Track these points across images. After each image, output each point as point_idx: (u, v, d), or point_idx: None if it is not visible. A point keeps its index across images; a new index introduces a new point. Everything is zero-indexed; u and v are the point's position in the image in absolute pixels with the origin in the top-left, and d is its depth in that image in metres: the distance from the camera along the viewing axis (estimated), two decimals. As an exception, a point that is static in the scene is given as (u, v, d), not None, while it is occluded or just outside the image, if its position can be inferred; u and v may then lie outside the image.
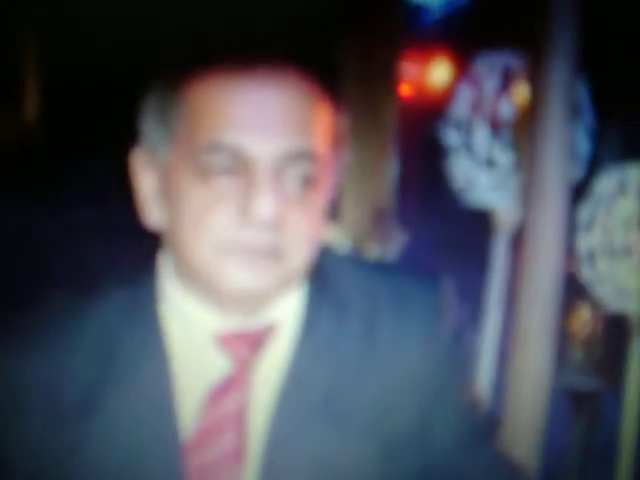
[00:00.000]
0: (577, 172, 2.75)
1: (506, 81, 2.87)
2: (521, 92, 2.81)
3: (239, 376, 1.14)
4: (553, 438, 2.51)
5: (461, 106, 2.94)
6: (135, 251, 1.22)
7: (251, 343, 1.15)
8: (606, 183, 2.64)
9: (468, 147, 2.92)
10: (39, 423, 1.12)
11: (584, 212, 2.64)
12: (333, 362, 1.15)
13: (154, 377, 1.13)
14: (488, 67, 2.92)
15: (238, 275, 1.07)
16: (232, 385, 1.13)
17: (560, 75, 2.39)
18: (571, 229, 2.54)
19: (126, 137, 1.20)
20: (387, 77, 3.05)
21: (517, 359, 2.41)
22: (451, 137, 2.95)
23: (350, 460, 1.13)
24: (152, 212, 1.14)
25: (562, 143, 2.42)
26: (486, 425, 1.26)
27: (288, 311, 1.18)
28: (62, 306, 1.18)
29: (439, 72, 4.23)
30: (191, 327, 1.16)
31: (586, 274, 2.64)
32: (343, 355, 1.16)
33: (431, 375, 1.19)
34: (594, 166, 2.82)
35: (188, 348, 1.15)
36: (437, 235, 3.59)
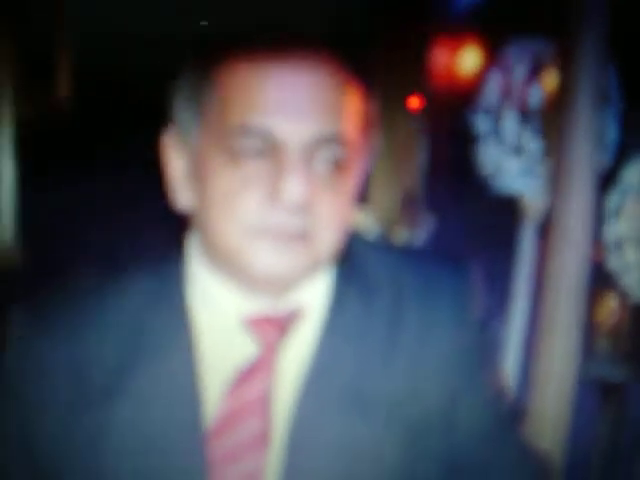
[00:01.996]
0: (605, 159, 2.74)
1: (536, 68, 2.88)
2: (550, 79, 2.82)
3: (265, 360, 1.13)
4: (580, 430, 2.49)
5: (491, 93, 2.95)
6: (163, 233, 1.22)
7: (278, 327, 1.14)
8: (635, 171, 2.63)
9: (497, 134, 2.92)
10: (67, 404, 1.12)
11: (612, 200, 2.64)
12: (360, 347, 1.15)
13: (180, 360, 1.13)
14: (518, 54, 2.91)
15: (267, 258, 1.07)
16: (258, 369, 1.13)
17: (589, 62, 2.37)
18: (599, 217, 2.53)
19: (157, 118, 1.19)
20: (418, 63, 3.04)
21: (543, 348, 2.39)
22: (480, 123, 2.96)
23: (375, 445, 1.13)
24: (181, 194, 1.14)
25: (591, 130, 2.40)
26: (511, 415, 1.26)
27: (316, 295, 1.17)
28: (91, 290, 1.18)
29: (469, 58, 4.21)
30: (218, 310, 1.15)
31: (613, 263, 2.63)
32: (370, 340, 1.15)
33: (457, 362, 1.18)
34: (623, 154, 2.81)
35: (215, 331, 1.15)
36: (465, 222, 3.57)
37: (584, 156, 2.39)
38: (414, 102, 3.02)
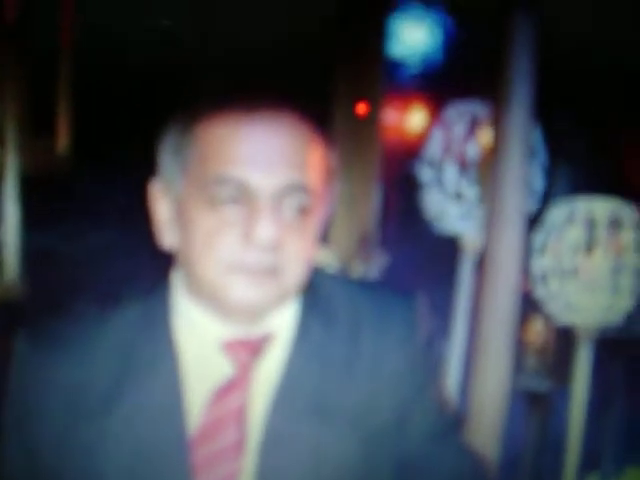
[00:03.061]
0: (533, 204, 2.77)
1: (473, 126, 2.90)
2: (485, 135, 2.84)
3: (240, 378, 1.13)
4: (511, 433, 2.50)
5: (434, 147, 2.96)
6: (151, 269, 1.21)
7: (252, 349, 1.14)
8: (557, 213, 2.65)
9: (439, 182, 2.93)
10: (65, 420, 1.11)
11: (538, 238, 2.65)
12: (323, 366, 1.14)
13: (165, 380, 1.12)
14: (458, 114, 2.95)
15: (242, 291, 1.07)
16: (234, 386, 1.12)
17: (518, 121, 2.40)
18: (527, 253, 2.54)
19: (146, 168, 1.19)
20: (372, 121, 3.06)
21: (480, 364, 2.40)
22: (425, 174, 2.97)
23: (336, 452, 1.12)
24: (167, 235, 1.13)
25: (520, 179, 2.42)
26: (454, 421, 1.25)
27: (284, 322, 1.17)
28: (87, 317, 1.17)
29: (416, 118, 4.26)
30: (199, 335, 1.14)
31: (539, 292, 2.65)
32: (331, 360, 1.15)
33: (408, 377, 1.18)
34: (547, 199, 2.85)
35: (196, 354, 1.14)
36: (413, 257, 3.58)
37: (514, 201, 2.41)
38: (369, 154, 3.03)
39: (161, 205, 1.13)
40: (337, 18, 2.95)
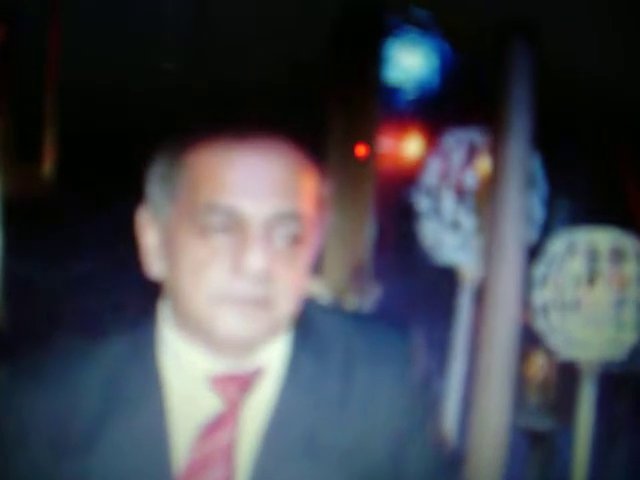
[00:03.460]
0: (532, 235, 2.78)
1: (471, 154, 2.92)
2: (483, 164, 2.86)
3: (229, 414, 1.11)
4: (512, 474, 2.48)
5: (431, 176, 2.98)
6: (138, 300, 1.21)
7: (241, 384, 1.13)
8: (557, 244, 2.66)
9: (436, 212, 2.94)
10: (45, 456, 1.10)
11: (538, 270, 2.66)
12: (314, 403, 1.13)
13: (151, 415, 1.11)
14: (455, 142, 2.96)
15: (231, 323, 1.06)
16: (222, 423, 1.11)
17: (517, 151, 2.43)
18: (527, 285, 2.55)
19: (132, 197, 1.19)
20: (366, 149, 3.07)
21: (480, 401, 2.40)
22: (422, 203, 2.98)
23: None
24: (154, 264, 1.13)
25: (519, 210, 2.45)
26: (452, 461, 1.25)
27: (275, 355, 1.16)
28: (71, 349, 1.16)
29: (412, 146, 4.28)
30: (186, 369, 1.13)
31: (540, 325, 2.65)
32: (323, 397, 1.14)
33: (402, 416, 1.16)
34: (547, 230, 2.86)
35: (183, 389, 1.13)
36: (408, 289, 3.57)
37: (514, 232, 2.44)
38: (363, 183, 3.04)
39: (149, 233, 1.13)
40: (331, 48, 2.97)
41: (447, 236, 2.92)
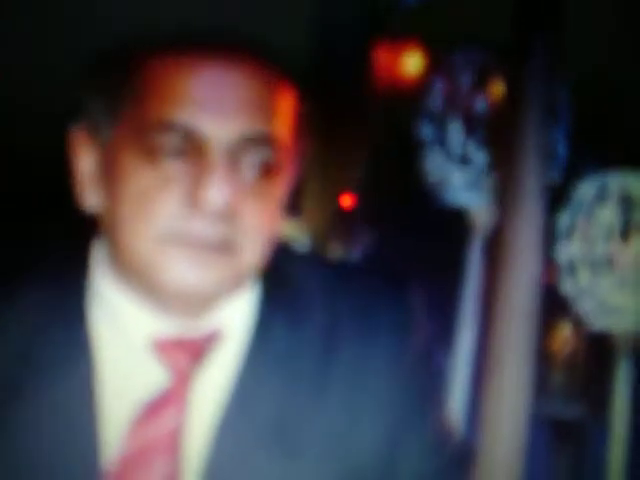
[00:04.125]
0: (555, 176, 2.79)
1: (482, 77, 2.91)
2: (497, 88, 2.86)
3: (176, 391, 1.09)
4: (534, 474, 2.48)
5: (435, 99, 2.97)
6: (65, 238, 1.18)
7: (192, 352, 1.10)
8: (585, 189, 2.68)
9: (442, 143, 2.95)
10: None
11: (563, 219, 2.68)
12: (286, 377, 1.11)
13: (76, 389, 1.08)
14: (464, 61, 2.96)
15: (182, 270, 1.04)
16: (167, 402, 1.08)
17: (538, 74, 2.43)
18: (549, 237, 2.57)
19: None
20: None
21: (492, 382, 2.40)
22: (425, 131, 2.97)
23: None
24: (89, 194, 1.11)
25: (539, 144, 2.44)
26: (459, 458, 1.23)
27: (237, 316, 1.13)
28: None
29: (413, 62, 4.27)
30: (123, 330, 1.11)
31: (567, 287, 2.66)
32: (298, 370, 1.12)
33: (396, 400, 1.15)
34: (573, 172, 2.88)
35: (118, 356, 1.11)
36: (406, 237, 3.59)
37: (533, 170, 2.43)
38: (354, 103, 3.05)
39: (84, 156, 1.11)
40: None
41: (454, 173, 2.92)
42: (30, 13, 3.53)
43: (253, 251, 1.07)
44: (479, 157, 2.89)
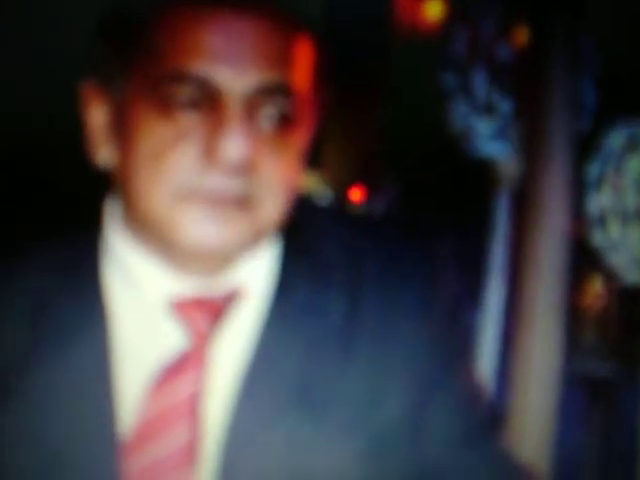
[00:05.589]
0: (584, 124, 2.78)
1: (505, 22, 2.90)
2: (522, 34, 2.85)
3: (195, 354, 1.08)
4: (566, 435, 2.49)
5: (458, 46, 2.96)
6: (77, 195, 1.16)
7: (211, 312, 1.09)
8: (615, 137, 2.65)
9: (466, 91, 2.94)
10: None
11: (592, 169, 2.66)
12: (310, 340, 1.10)
13: (91, 353, 1.07)
14: (486, 7, 2.94)
15: (200, 226, 1.03)
16: (186, 365, 1.07)
17: (564, 18, 2.45)
18: (578, 187, 2.56)
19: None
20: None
21: (522, 340, 2.41)
22: (448, 79, 2.97)
23: (329, 460, 1.08)
24: (101, 149, 1.09)
25: (567, 91, 2.47)
26: (489, 420, 1.22)
27: (257, 274, 1.12)
28: None
29: (434, 9, 4.25)
30: (140, 291, 1.10)
31: (597, 239, 2.65)
32: (322, 331, 1.10)
33: (425, 358, 1.14)
34: (602, 120, 2.85)
35: (135, 317, 1.10)
36: (432, 189, 3.58)
37: (561, 119, 2.45)
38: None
39: (95, 110, 1.09)
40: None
41: (479, 122, 2.92)
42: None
43: (273, 205, 1.05)
44: (504, 106, 2.89)
